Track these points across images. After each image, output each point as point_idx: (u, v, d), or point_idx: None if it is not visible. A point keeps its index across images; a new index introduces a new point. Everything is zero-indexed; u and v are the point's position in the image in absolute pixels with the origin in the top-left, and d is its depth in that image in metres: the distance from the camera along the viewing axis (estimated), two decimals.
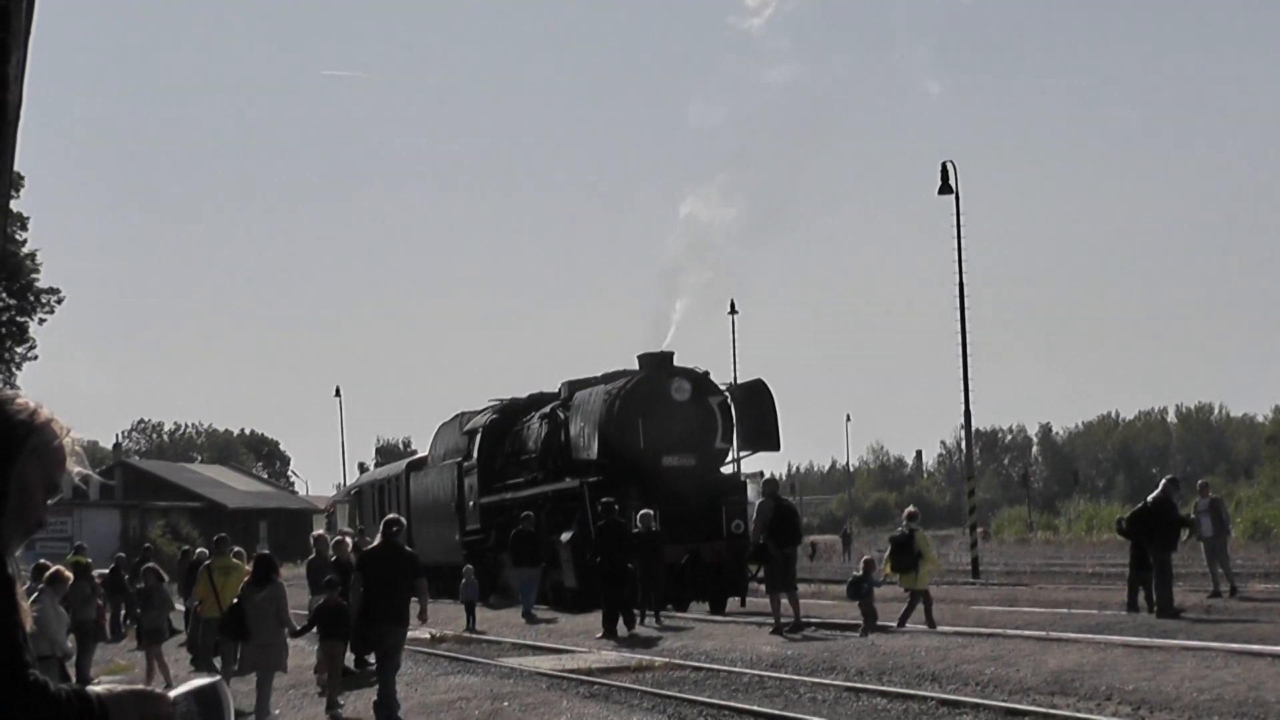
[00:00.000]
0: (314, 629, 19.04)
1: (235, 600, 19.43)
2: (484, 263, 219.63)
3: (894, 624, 23.40)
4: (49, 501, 3.44)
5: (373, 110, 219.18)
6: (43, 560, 20.41)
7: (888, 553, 25.25)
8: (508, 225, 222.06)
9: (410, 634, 18.94)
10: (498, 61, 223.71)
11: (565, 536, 31.22)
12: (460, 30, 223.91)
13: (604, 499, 27.65)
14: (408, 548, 18.45)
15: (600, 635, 24.98)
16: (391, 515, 19.69)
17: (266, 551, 23.43)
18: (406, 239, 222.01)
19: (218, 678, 3.67)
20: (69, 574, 19.81)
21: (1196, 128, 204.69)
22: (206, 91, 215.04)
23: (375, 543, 18.42)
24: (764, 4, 42.70)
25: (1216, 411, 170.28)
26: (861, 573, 24.87)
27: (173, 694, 3.45)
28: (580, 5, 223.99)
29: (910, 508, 29.50)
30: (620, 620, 25.18)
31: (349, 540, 25.60)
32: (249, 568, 23.92)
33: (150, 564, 27.32)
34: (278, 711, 18.47)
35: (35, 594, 17.29)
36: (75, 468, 3.52)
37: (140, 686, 3.44)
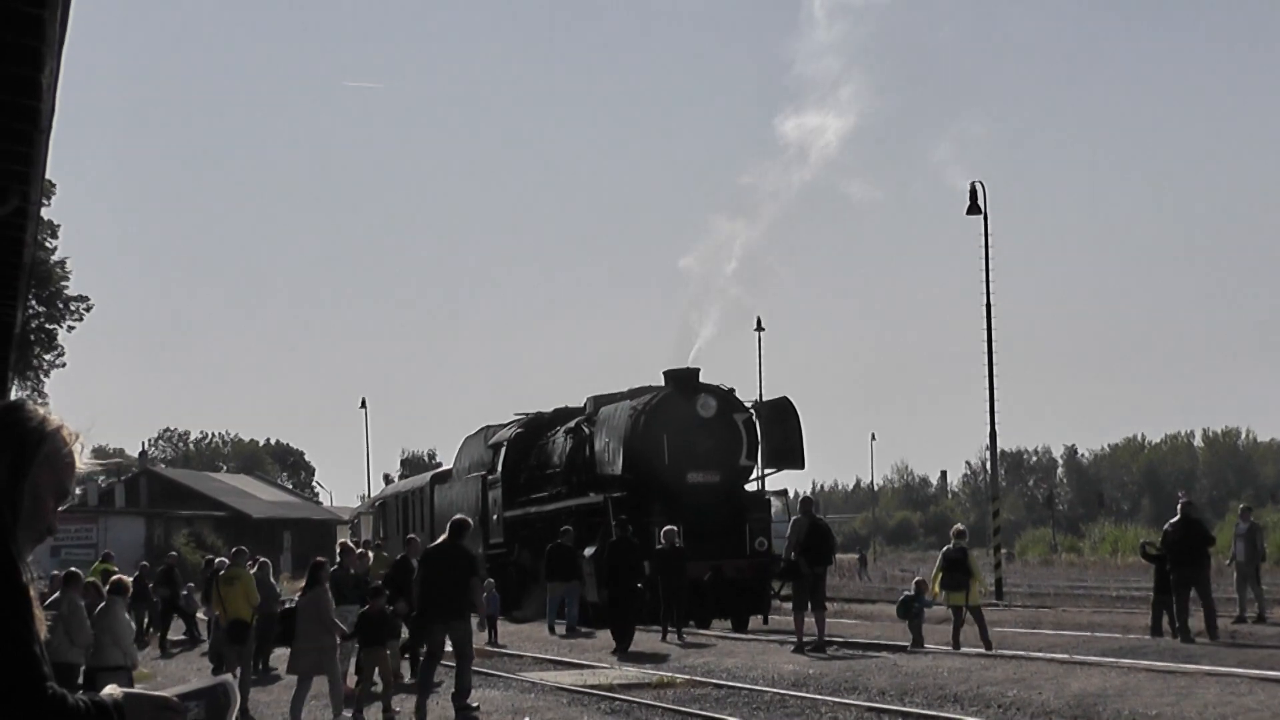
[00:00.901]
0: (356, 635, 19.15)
1: (288, 605, 20.35)
2: (511, 276, 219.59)
3: (945, 645, 23.32)
4: (59, 508, 3.46)
5: (397, 122, 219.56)
6: (73, 569, 20.30)
7: (936, 570, 25.20)
8: (535, 239, 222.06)
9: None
10: (524, 73, 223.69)
11: (588, 552, 31.20)
12: (487, 41, 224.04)
13: (620, 516, 27.67)
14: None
15: (613, 651, 24.99)
16: (459, 516, 20.28)
17: (321, 558, 23.56)
18: (433, 252, 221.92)
19: (225, 677, 3.69)
20: (129, 582, 19.96)
21: (1224, 151, 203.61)
22: (235, 103, 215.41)
23: (439, 541, 19.13)
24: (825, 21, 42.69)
25: (1244, 436, 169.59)
26: (913, 592, 24.89)
27: (179, 692, 3.49)
28: (611, 14, 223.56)
29: (958, 525, 29.48)
30: (628, 637, 25.32)
31: (367, 551, 25.68)
32: (263, 575, 24.04)
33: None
34: None
35: (100, 604, 17.46)
36: (86, 467, 3.55)
37: (155, 692, 3.43)
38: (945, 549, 25.64)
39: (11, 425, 3.43)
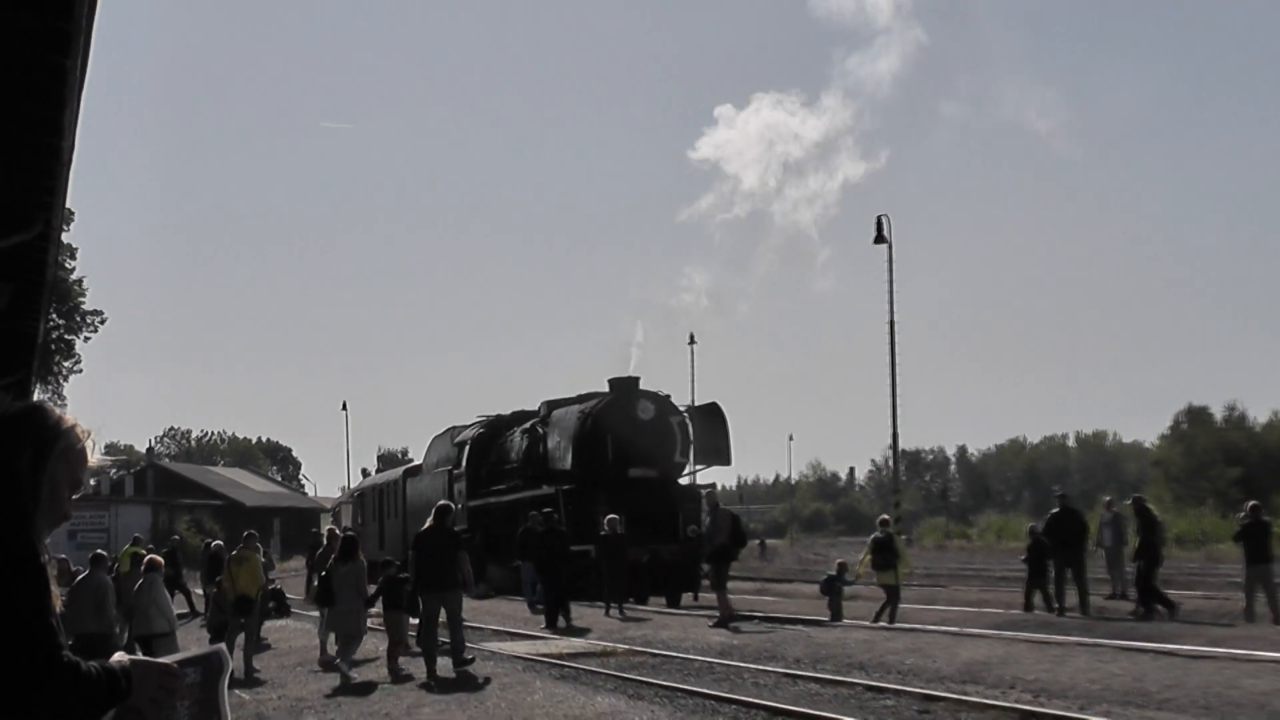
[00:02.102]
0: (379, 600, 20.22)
1: (324, 573, 21.30)
2: (475, 294, 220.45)
3: (865, 620, 23.30)
4: (73, 497, 3.50)
5: (369, 158, 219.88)
6: (100, 551, 20.36)
7: (865, 552, 25.28)
8: (497, 261, 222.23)
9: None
10: (486, 107, 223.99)
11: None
12: (447, 85, 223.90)
13: (544, 509, 27.67)
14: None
15: (543, 626, 24.98)
16: (444, 502, 21.28)
17: (352, 533, 23.75)
18: (408, 273, 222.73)
19: (219, 646, 3.73)
20: (161, 559, 20.13)
21: (1109, 176, 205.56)
22: (228, 140, 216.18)
23: (428, 525, 19.53)
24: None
25: (1110, 437, 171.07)
26: (836, 573, 25.00)
27: (179, 659, 3.55)
28: (552, 48, 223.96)
29: (884, 515, 29.65)
30: (560, 614, 25.26)
31: (338, 533, 25.70)
32: (261, 558, 23.91)
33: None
34: (354, 673, 18.86)
35: (140, 580, 17.83)
36: (97, 461, 3.60)
37: (157, 659, 3.45)
38: (874, 534, 25.75)
39: (32, 424, 3.46)
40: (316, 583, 23.25)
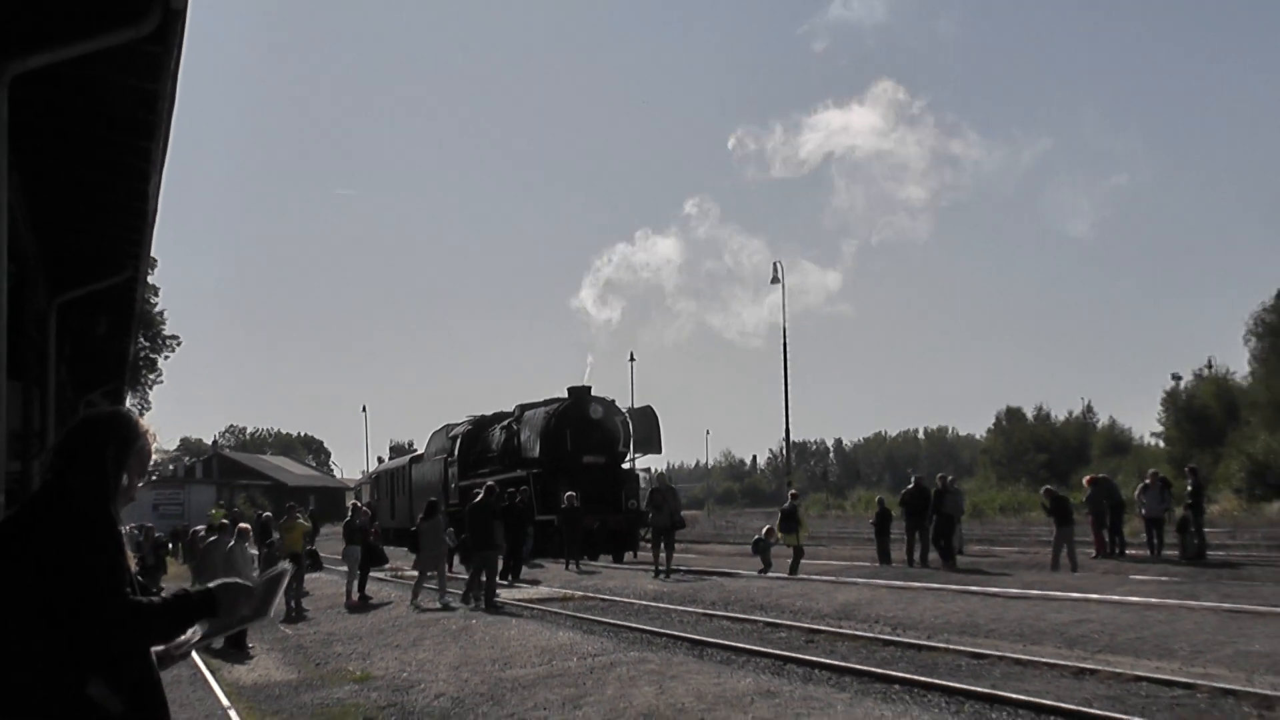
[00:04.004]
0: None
1: (414, 528, 22.47)
2: (465, 321, 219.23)
3: (780, 573, 23.09)
4: (140, 484, 3.54)
5: (378, 217, 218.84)
6: (224, 521, 21.88)
7: (778, 519, 25.17)
8: (482, 299, 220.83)
9: (409, 573, 19.91)
10: (474, 160, 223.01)
11: None
12: (436, 155, 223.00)
13: (488, 483, 24.48)
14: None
15: (508, 581, 23.20)
16: (490, 482, 21.82)
17: (434, 499, 24.02)
18: (414, 303, 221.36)
19: (284, 566, 3.85)
20: (248, 526, 20.45)
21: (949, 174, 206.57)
22: (263, 205, 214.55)
23: (478, 499, 20.11)
24: None
25: (950, 432, 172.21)
26: (763, 536, 24.96)
27: (257, 580, 3.67)
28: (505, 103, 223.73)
29: (793, 489, 29.54)
30: (500, 572, 22.29)
31: (365, 509, 25.56)
32: (306, 523, 23.79)
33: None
34: (453, 603, 19.36)
35: (230, 541, 18.11)
36: (159, 455, 3.69)
37: (237, 581, 3.55)
38: (783, 505, 25.73)
39: (117, 426, 3.52)
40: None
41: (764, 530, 25.66)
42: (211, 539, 19.65)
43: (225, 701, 11.26)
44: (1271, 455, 51.03)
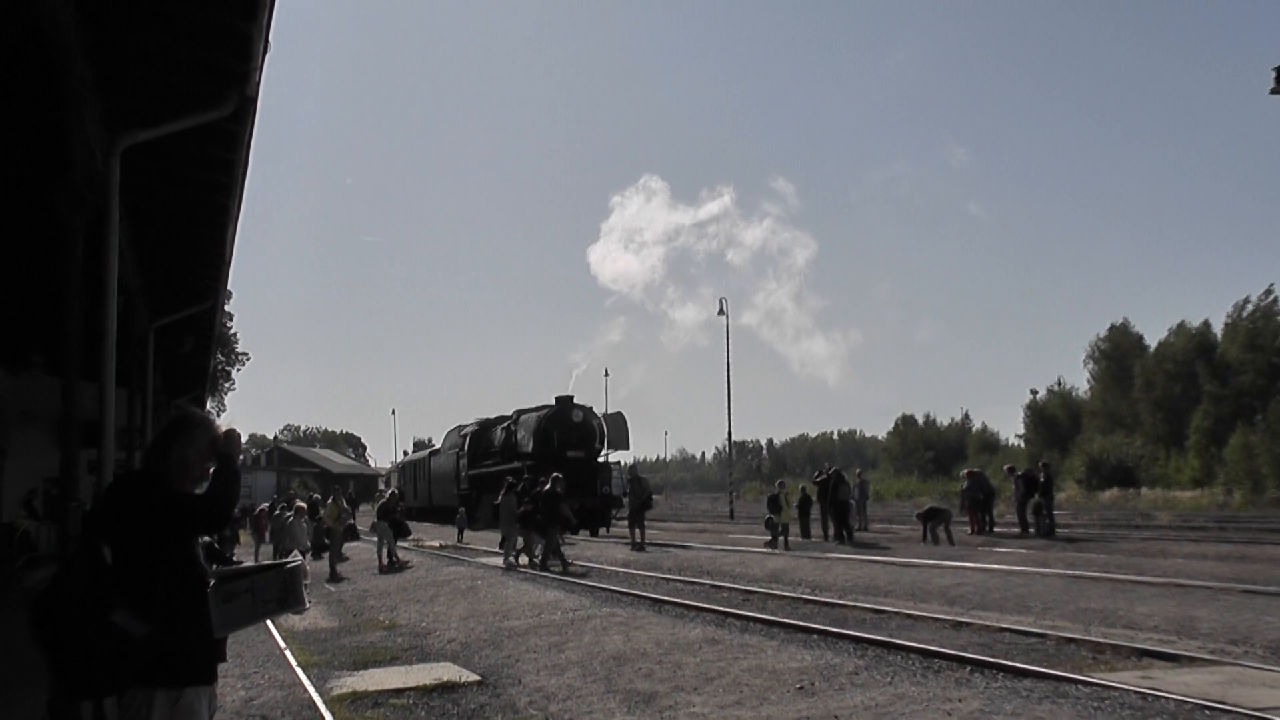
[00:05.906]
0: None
1: (496, 503, 21.94)
2: (473, 342, 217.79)
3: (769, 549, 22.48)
4: (208, 468, 3.57)
5: (402, 258, 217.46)
6: (300, 503, 22.12)
7: (767, 501, 24.51)
8: (488, 321, 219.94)
9: (428, 543, 19.72)
10: (472, 201, 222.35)
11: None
12: (446, 203, 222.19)
13: (555, 474, 25.75)
14: (558, 490, 20.26)
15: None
16: (556, 474, 21.64)
17: (512, 479, 23.63)
18: (433, 329, 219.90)
19: (298, 559, 3.87)
20: (304, 505, 21.56)
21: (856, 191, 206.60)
22: (303, 251, 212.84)
23: (547, 488, 20.40)
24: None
25: (858, 434, 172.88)
26: (773, 516, 24.05)
27: (280, 563, 3.67)
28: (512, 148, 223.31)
29: (781, 479, 28.99)
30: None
31: (393, 492, 25.34)
32: (341, 503, 23.52)
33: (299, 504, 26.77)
34: (520, 561, 19.84)
35: (290, 517, 19.78)
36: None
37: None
38: (770, 492, 24.98)
39: (190, 423, 3.57)
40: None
41: (767, 519, 24.80)
42: (288, 515, 20.78)
43: (282, 643, 11.26)
44: (1105, 454, 52.01)
